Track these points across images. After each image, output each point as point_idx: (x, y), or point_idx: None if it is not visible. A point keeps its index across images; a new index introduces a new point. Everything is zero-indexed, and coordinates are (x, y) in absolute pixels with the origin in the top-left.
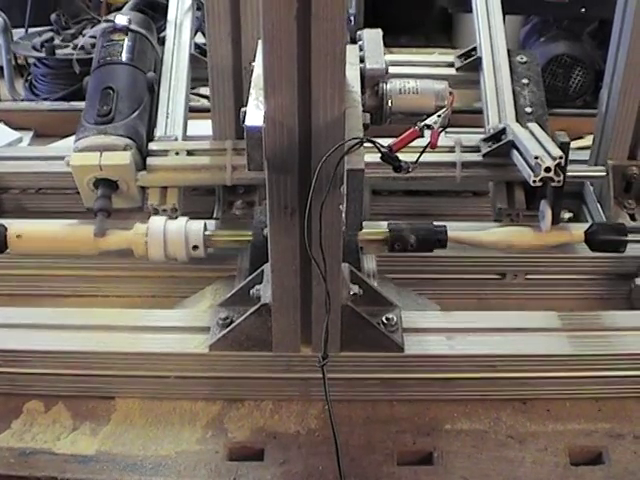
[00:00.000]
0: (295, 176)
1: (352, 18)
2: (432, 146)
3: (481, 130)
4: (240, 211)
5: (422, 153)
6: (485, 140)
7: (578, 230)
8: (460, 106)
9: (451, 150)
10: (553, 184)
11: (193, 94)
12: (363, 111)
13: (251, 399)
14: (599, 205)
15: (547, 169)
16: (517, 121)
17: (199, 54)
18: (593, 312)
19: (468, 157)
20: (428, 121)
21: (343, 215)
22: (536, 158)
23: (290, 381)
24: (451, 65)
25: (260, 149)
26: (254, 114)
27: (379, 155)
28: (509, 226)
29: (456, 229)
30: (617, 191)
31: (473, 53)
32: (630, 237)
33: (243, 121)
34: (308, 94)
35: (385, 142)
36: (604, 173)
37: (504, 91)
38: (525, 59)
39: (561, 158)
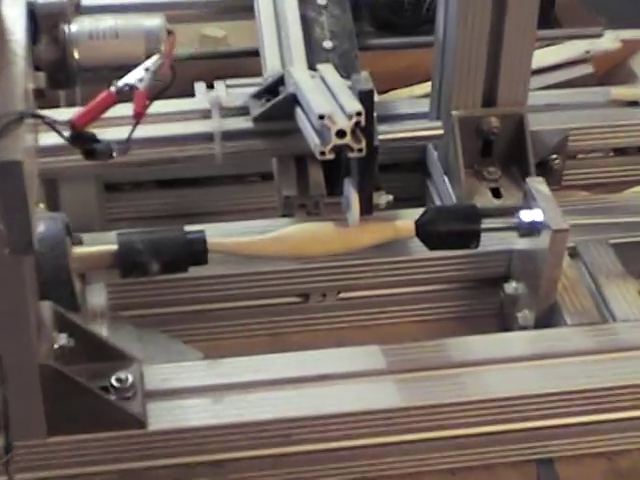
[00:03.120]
0: None
1: None
2: (136, 115)
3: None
4: None
5: (134, 128)
6: (256, 96)
7: (405, 220)
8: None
9: (206, 116)
10: (352, 155)
11: None
12: (36, 69)
13: None
14: (447, 179)
15: (340, 133)
16: (310, 63)
17: None
18: (436, 341)
19: (231, 124)
20: (129, 78)
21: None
22: (321, 118)
23: None
24: None
25: None
26: None
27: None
28: (302, 223)
29: (222, 234)
30: (469, 155)
31: None
32: (489, 223)
33: None
34: None
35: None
36: (441, 131)
37: (287, 19)
38: None
39: (360, 115)
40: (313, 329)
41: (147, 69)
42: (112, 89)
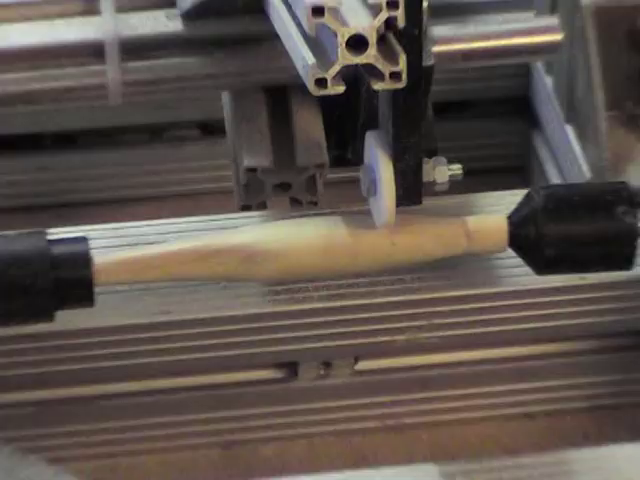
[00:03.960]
0: None
1: None
2: None
3: None
4: None
5: None
6: None
7: (488, 216)
8: None
9: (90, 9)
10: (381, 87)
11: None
12: None
13: None
14: (571, 131)
15: (356, 43)
16: None
17: None
18: (553, 454)
19: (141, 26)
20: None
21: None
22: (318, 13)
23: None
24: None
25: None
26: None
27: None
28: (283, 220)
29: (124, 244)
30: (617, 85)
31: None
32: None
33: None
34: None
35: None
36: (559, 36)
37: None
38: None
39: (395, 6)
40: (305, 433)
41: None
42: None
